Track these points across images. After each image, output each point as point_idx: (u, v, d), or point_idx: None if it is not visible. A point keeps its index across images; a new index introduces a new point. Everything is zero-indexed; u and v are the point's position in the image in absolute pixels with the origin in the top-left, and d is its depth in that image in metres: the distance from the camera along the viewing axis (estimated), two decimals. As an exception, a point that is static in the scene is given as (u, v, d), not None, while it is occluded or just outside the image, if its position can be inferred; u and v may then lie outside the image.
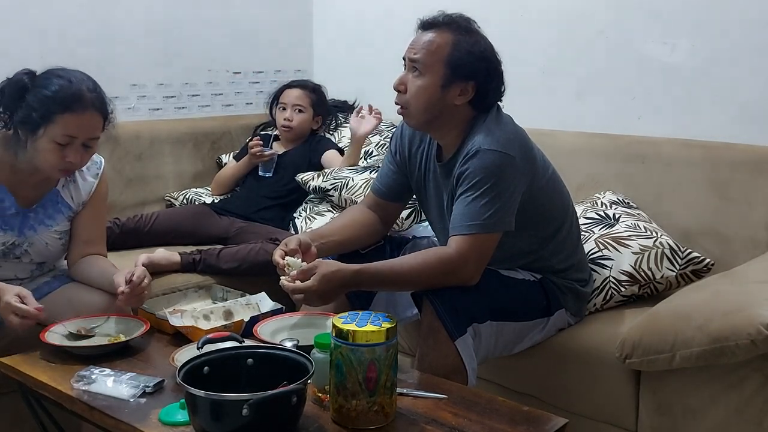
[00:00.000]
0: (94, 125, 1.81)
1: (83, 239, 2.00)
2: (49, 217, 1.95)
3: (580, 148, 2.56)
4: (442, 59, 1.77)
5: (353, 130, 2.85)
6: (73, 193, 1.98)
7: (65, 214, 1.97)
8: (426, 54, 1.79)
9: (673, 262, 2.07)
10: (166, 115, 3.16)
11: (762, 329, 1.52)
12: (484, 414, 1.42)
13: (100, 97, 1.82)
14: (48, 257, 1.99)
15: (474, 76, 1.79)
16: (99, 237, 2.05)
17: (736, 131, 2.32)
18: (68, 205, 1.97)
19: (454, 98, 1.80)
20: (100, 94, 1.83)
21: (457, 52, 1.77)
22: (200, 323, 1.81)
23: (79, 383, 1.53)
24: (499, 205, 1.72)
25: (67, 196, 1.97)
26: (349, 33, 3.42)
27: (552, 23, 2.75)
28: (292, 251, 1.80)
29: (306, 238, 1.88)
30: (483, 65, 1.79)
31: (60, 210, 1.96)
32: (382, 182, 2.06)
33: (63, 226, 1.97)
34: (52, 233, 1.96)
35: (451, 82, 1.78)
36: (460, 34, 1.79)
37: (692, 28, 2.42)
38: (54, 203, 1.96)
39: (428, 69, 1.78)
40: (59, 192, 1.96)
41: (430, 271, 1.73)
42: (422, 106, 1.81)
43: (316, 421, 1.39)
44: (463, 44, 1.78)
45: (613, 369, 1.81)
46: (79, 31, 2.83)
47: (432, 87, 1.79)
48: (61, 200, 1.96)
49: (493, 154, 1.72)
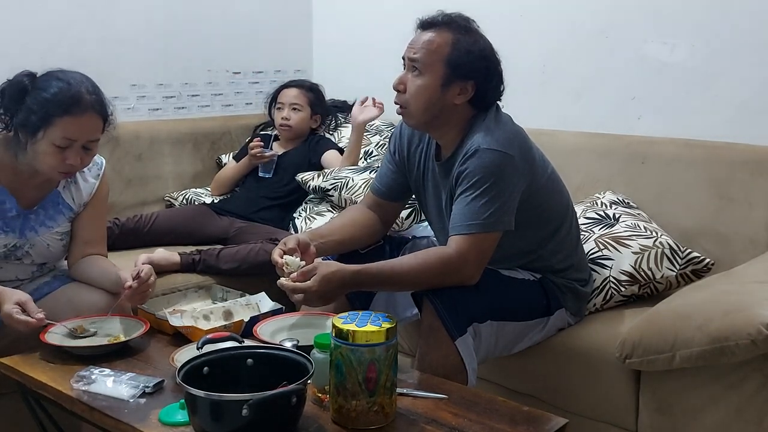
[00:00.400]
0: (94, 127, 1.80)
1: (84, 239, 2.00)
2: (50, 219, 1.95)
3: (580, 148, 2.56)
4: (442, 58, 1.77)
5: (354, 116, 2.89)
6: (74, 194, 1.98)
7: (66, 215, 1.97)
8: (426, 53, 1.79)
9: (673, 262, 2.07)
10: (165, 115, 3.16)
11: (762, 329, 1.52)
12: (484, 414, 1.42)
13: (99, 99, 1.82)
14: (49, 258, 1.99)
15: (473, 75, 1.79)
16: (100, 237, 2.05)
17: (736, 131, 2.32)
18: (69, 206, 1.97)
19: (454, 97, 1.80)
20: (100, 96, 1.83)
21: (456, 52, 1.77)
22: (200, 323, 1.81)
23: (79, 383, 1.53)
24: (498, 204, 1.72)
25: (68, 197, 1.97)
26: (349, 33, 3.42)
27: (552, 23, 2.75)
28: (290, 250, 1.80)
29: (305, 237, 1.88)
30: (482, 64, 1.79)
31: (61, 211, 1.96)
32: (381, 182, 2.06)
33: (64, 227, 1.97)
34: (53, 234, 1.95)
35: (450, 82, 1.78)
36: (460, 34, 1.79)
37: (692, 28, 2.42)
38: (55, 204, 1.95)
39: (428, 68, 1.78)
40: (60, 193, 1.96)
41: (430, 270, 1.72)
42: (422, 105, 1.80)
43: (316, 421, 1.39)
44: (463, 43, 1.78)
45: (613, 369, 1.81)
46: (79, 31, 2.83)
47: (432, 86, 1.79)
48: (62, 201, 1.96)
49: (493, 154, 1.72)
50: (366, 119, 2.87)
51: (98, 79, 1.86)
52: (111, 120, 1.86)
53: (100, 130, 1.83)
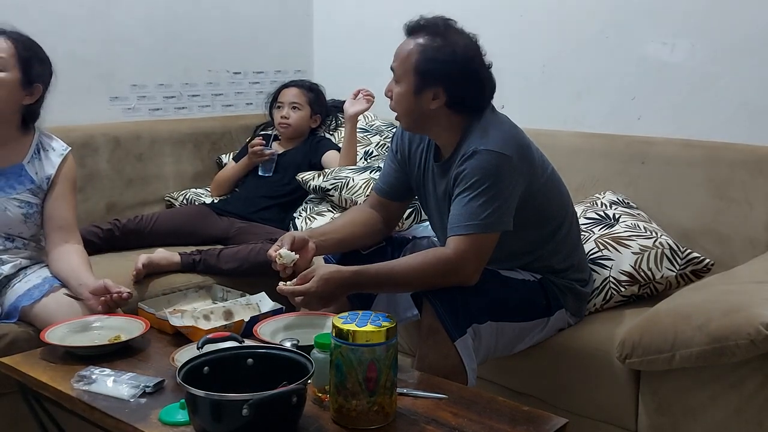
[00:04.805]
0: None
1: (57, 224, 2.07)
2: (10, 186, 2.03)
3: (580, 148, 2.56)
4: (411, 67, 1.79)
5: (346, 109, 2.92)
6: (38, 169, 2.07)
7: (26, 185, 2.05)
8: (399, 63, 1.82)
9: (673, 262, 2.07)
10: (166, 115, 3.16)
11: (762, 329, 1.52)
12: (484, 414, 1.42)
13: (21, 35, 2.01)
14: (9, 225, 2.03)
15: (442, 81, 1.78)
16: (71, 224, 2.11)
17: (736, 131, 2.32)
18: (31, 179, 2.06)
19: (428, 103, 1.80)
20: (24, 37, 2.01)
21: (423, 58, 1.77)
22: (200, 323, 1.81)
23: (79, 383, 1.53)
24: (496, 204, 1.72)
25: (32, 171, 2.07)
26: (349, 33, 3.42)
27: (552, 23, 2.75)
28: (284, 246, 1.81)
29: (302, 234, 1.88)
30: (451, 69, 1.77)
31: (22, 182, 2.05)
32: (384, 181, 2.06)
33: (24, 197, 2.04)
34: (12, 199, 2.02)
35: (421, 89, 1.79)
36: (430, 40, 1.78)
37: (692, 28, 2.42)
38: (17, 175, 2.05)
39: (402, 77, 1.81)
40: (24, 166, 2.06)
41: (430, 271, 1.73)
42: (403, 111, 1.84)
43: (316, 421, 1.39)
44: (429, 50, 1.77)
45: (613, 369, 1.82)
46: (79, 31, 2.83)
47: (407, 94, 1.81)
48: (25, 174, 2.05)
49: (490, 155, 1.72)
50: (356, 112, 2.89)
51: (98, 78, 1.87)
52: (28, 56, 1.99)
53: (4, 51, 1.95)
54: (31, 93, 2.03)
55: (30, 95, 2.03)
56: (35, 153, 2.08)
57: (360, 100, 2.92)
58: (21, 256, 2.07)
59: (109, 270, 2.12)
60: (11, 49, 1.97)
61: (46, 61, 2.05)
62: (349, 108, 2.91)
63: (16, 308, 1.96)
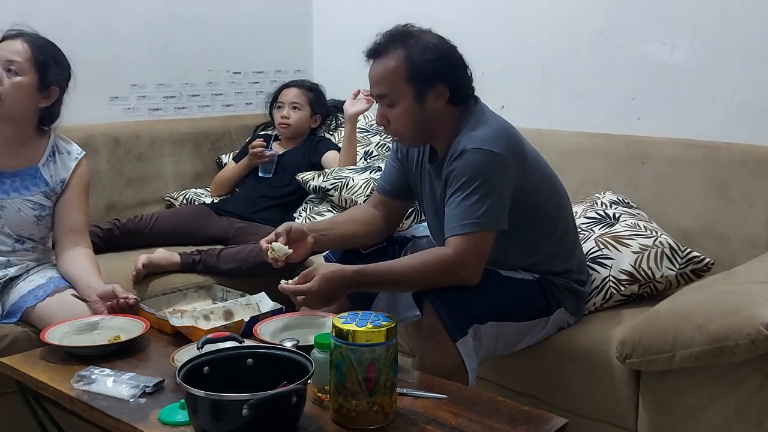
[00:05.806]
0: (14, 50, 1.96)
1: (68, 227, 2.08)
2: (25, 188, 2.04)
3: (580, 148, 2.56)
4: (403, 79, 1.77)
5: (345, 109, 2.93)
6: (53, 172, 2.09)
7: (41, 188, 2.05)
8: (387, 83, 1.79)
9: (673, 262, 2.07)
10: (166, 115, 3.16)
11: (762, 329, 1.51)
12: (484, 414, 1.42)
13: (36, 37, 2.00)
14: (22, 226, 2.04)
15: (440, 76, 1.78)
16: (82, 227, 2.12)
17: (736, 131, 2.32)
18: (46, 182, 2.06)
19: (434, 104, 1.80)
20: (42, 40, 2.01)
21: (411, 65, 1.77)
22: (200, 323, 1.81)
23: (79, 383, 1.53)
24: (490, 202, 1.71)
25: (47, 174, 2.07)
26: (349, 33, 3.41)
27: (552, 23, 2.75)
28: (277, 236, 1.82)
29: (300, 226, 1.88)
30: (441, 62, 1.78)
31: (36, 184, 2.05)
32: (386, 180, 2.06)
33: (37, 199, 2.05)
34: (25, 201, 2.03)
35: (423, 94, 1.78)
36: (407, 46, 1.78)
37: (692, 28, 2.42)
38: (32, 178, 2.05)
39: (397, 96, 1.79)
40: (39, 169, 2.07)
41: (430, 271, 1.72)
42: (410, 128, 1.82)
43: (316, 421, 1.39)
44: (413, 55, 1.77)
45: (613, 369, 1.81)
46: (79, 31, 2.83)
47: (409, 109, 1.79)
48: (40, 176, 2.07)
49: (478, 153, 1.72)
50: (356, 112, 2.90)
51: (98, 78, 1.88)
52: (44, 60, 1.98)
53: (20, 55, 1.95)
54: (48, 96, 2.03)
55: (46, 98, 2.03)
56: (50, 156, 2.10)
57: (360, 100, 2.92)
58: (28, 258, 2.08)
59: (109, 270, 2.13)
60: (27, 52, 1.97)
61: (63, 64, 2.04)
62: (349, 108, 2.91)
63: (19, 308, 1.96)
